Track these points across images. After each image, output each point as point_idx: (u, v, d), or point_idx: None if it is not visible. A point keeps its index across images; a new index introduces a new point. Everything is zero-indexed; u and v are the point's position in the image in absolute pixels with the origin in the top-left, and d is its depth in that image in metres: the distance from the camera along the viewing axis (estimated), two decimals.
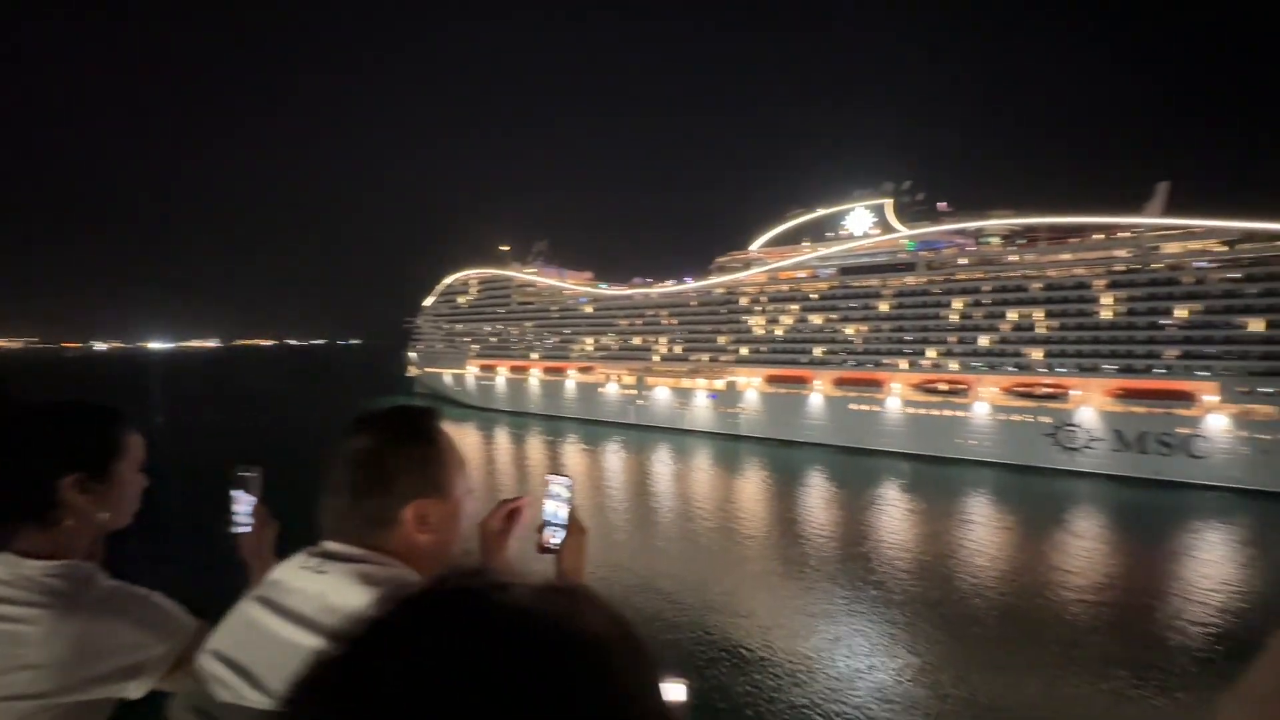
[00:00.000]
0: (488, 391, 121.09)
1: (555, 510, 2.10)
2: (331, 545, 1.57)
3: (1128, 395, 62.21)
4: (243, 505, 2.39)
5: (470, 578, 0.69)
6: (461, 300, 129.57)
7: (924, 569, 39.74)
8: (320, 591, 1.46)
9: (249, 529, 2.35)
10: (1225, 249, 58.94)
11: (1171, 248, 61.07)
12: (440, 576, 0.70)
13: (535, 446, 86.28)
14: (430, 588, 0.69)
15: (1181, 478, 59.15)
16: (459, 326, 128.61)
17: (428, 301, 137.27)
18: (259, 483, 2.44)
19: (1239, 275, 57.52)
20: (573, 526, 2.09)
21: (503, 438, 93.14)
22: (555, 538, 2.06)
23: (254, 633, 1.47)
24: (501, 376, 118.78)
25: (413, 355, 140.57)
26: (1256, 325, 56.61)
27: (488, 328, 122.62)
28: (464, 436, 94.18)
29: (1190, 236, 60.24)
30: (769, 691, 25.83)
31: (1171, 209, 62.86)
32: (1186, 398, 59.37)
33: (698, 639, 29.72)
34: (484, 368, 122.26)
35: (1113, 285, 63.27)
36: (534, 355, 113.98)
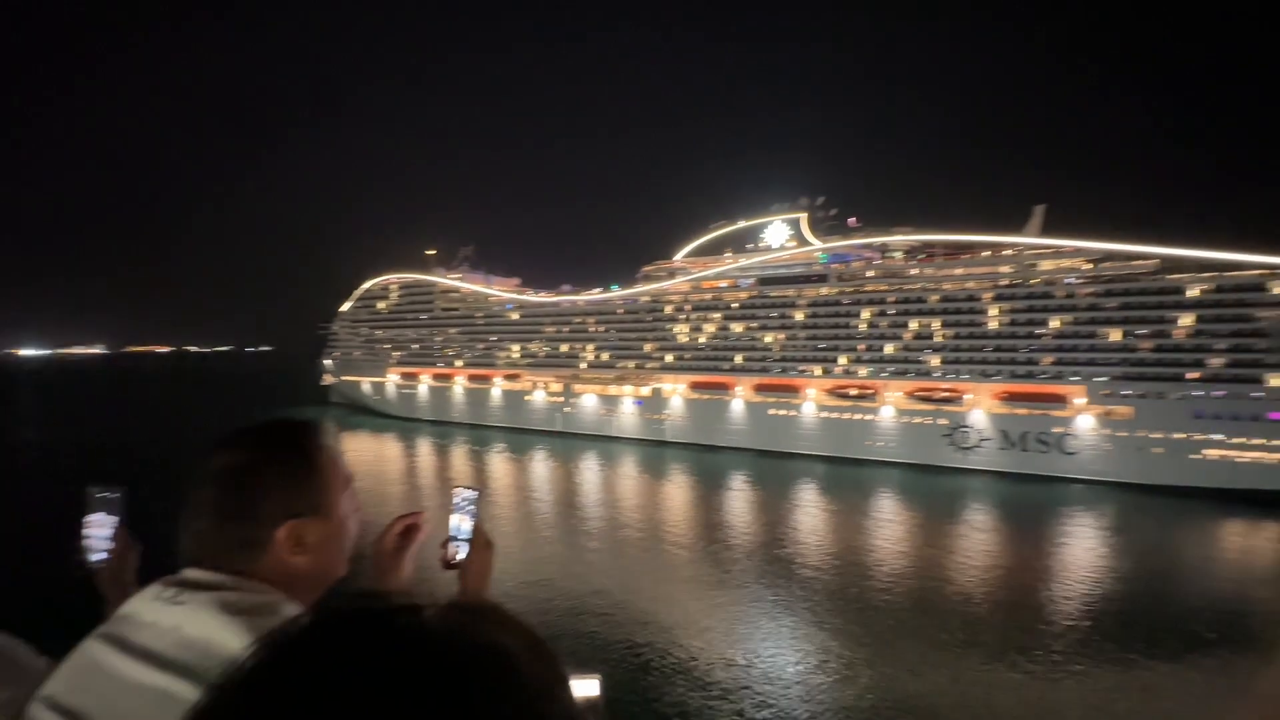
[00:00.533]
0: (409, 400, 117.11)
1: (460, 524, 2.01)
2: (192, 573, 1.45)
3: (1012, 398, 68.38)
4: (101, 530, 2.17)
5: (363, 602, 0.66)
6: (381, 305, 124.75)
7: (841, 567, 41.93)
8: (176, 624, 1.32)
9: (107, 556, 2.13)
10: (1090, 266, 66.10)
11: (1046, 265, 67.81)
12: (328, 603, 0.67)
13: (459, 456, 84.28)
14: (319, 617, 0.65)
15: (1057, 472, 65.56)
16: (379, 333, 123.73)
17: (345, 307, 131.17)
18: (121, 505, 2.22)
19: (1101, 290, 64.65)
20: (477, 541, 2.00)
21: (425, 448, 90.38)
22: (460, 553, 1.97)
23: (97, 675, 1.29)
24: (424, 385, 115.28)
25: (328, 363, 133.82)
26: (1115, 335, 63.80)
27: (410, 334, 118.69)
28: (383, 447, 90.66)
29: (1061, 255, 67.16)
30: (700, 698, 26.28)
31: (1047, 230, 69.79)
32: (1060, 400, 65.96)
33: (628, 648, 30.04)
34: (405, 376, 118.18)
35: (998, 298, 69.46)
36: (458, 363, 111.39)
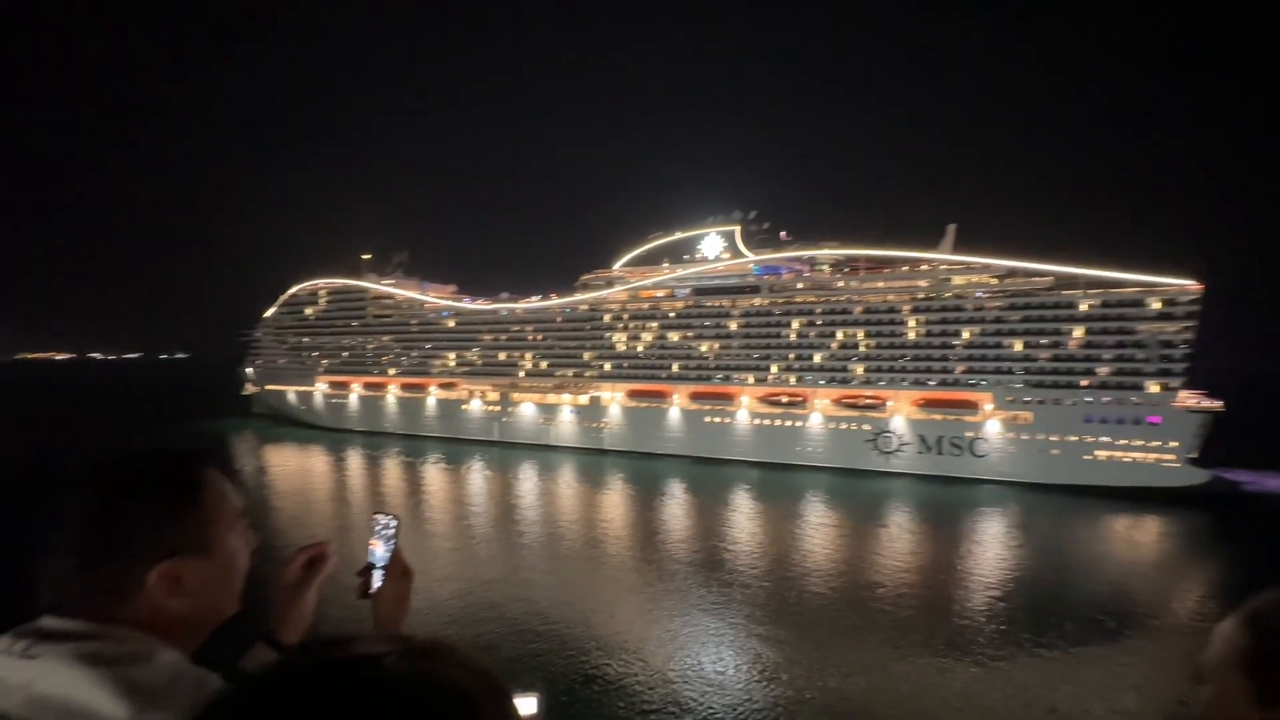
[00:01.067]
0: (339, 410, 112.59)
1: (378, 552, 1.93)
2: (49, 622, 1.29)
3: (928, 405, 72.51)
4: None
5: (322, 653, 0.65)
6: (309, 312, 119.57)
7: (775, 572, 43.24)
8: (27, 681, 1.18)
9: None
10: (996, 282, 71.12)
11: (958, 280, 72.50)
12: (286, 656, 0.66)
13: (391, 469, 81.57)
14: (276, 672, 0.64)
15: (970, 474, 69.91)
16: (306, 340, 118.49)
17: (269, 313, 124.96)
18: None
19: (1005, 304, 69.65)
20: (394, 570, 1.91)
21: (355, 461, 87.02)
22: (376, 582, 1.90)
23: None
24: (355, 394, 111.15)
25: (250, 372, 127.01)
26: (1018, 346, 68.83)
27: (340, 342, 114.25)
28: (308, 461, 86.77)
29: (971, 271, 71.98)
30: (640, 707, 26.47)
31: (959, 246, 74.62)
32: (971, 406, 70.48)
33: (568, 661, 30.01)
34: (334, 385, 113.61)
35: (916, 310, 73.67)
36: (391, 371, 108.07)
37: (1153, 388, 62.97)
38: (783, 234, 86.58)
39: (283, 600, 1.85)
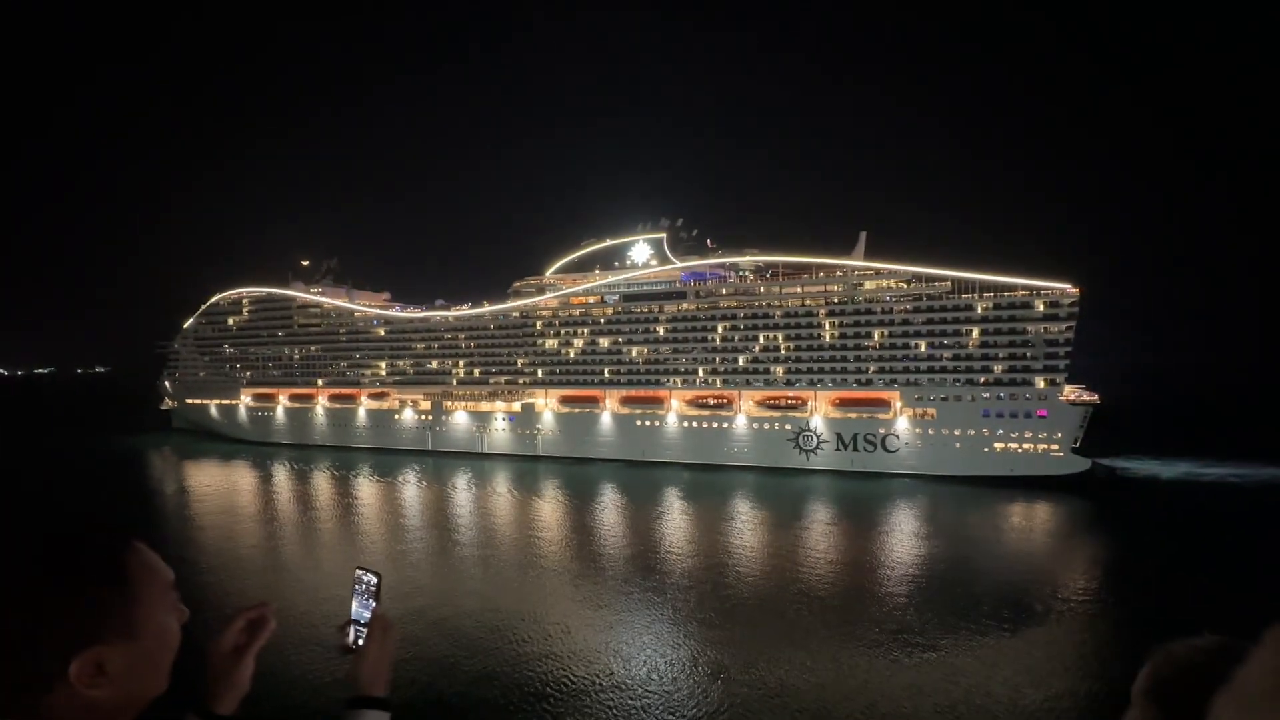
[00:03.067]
0: (264, 423, 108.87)
1: (358, 609, 1.90)
2: None
3: (844, 404, 76.07)
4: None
5: None
6: (232, 322, 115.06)
7: (707, 572, 44.23)
8: None
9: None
10: (904, 286, 75.28)
11: (869, 285, 76.38)
12: None
13: (321, 484, 79.26)
14: None
15: (882, 469, 73.72)
16: (229, 351, 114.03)
17: (188, 323, 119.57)
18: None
19: (910, 307, 73.84)
20: (375, 629, 1.89)
21: (282, 475, 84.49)
22: (358, 640, 1.88)
23: None
24: (281, 406, 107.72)
25: (168, 385, 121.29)
26: (922, 346, 73.09)
27: (265, 352, 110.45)
28: (232, 477, 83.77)
29: (880, 276, 75.95)
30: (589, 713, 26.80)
31: (870, 253, 78.59)
32: (883, 405, 74.36)
33: (515, 676, 29.92)
34: (259, 397, 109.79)
35: (831, 314, 77.19)
36: (320, 382, 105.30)
37: (1040, 383, 68.07)
38: (709, 241, 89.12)
39: (218, 668, 1.73)
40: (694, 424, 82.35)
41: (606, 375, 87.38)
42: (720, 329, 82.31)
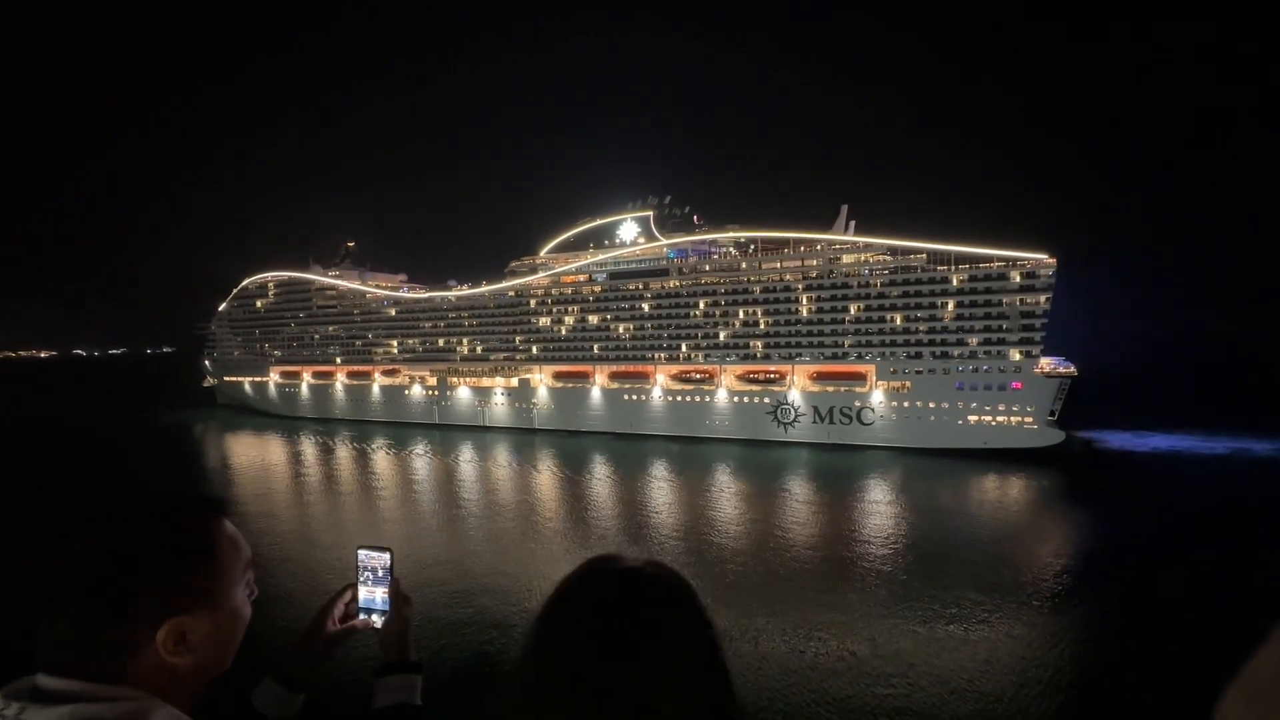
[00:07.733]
0: (291, 399, 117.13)
1: (366, 597, 1.95)
2: (45, 681, 1.22)
3: (821, 378, 76.91)
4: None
5: (610, 562, 1.28)
6: (259, 304, 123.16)
7: (695, 541, 45.47)
8: None
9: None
10: (881, 260, 74.73)
11: (847, 259, 76.11)
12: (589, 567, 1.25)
13: (342, 454, 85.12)
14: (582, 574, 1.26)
15: (859, 441, 74.62)
16: (257, 332, 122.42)
17: (222, 306, 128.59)
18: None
19: (886, 280, 73.46)
20: (396, 600, 1.95)
21: (308, 447, 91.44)
22: (376, 621, 1.94)
23: None
24: (305, 383, 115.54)
25: (207, 364, 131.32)
26: (898, 319, 72.88)
27: (289, 333, 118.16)
28: (265, 449, 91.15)
29: (857, 250, 75.57)
30: None
31: (852, 225, 78.00)
32: (859, 378, 74.87)
33: (499, 628, 31.00)
34: (286, 375, 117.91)
35: (809, 288, 77.48)
36: (338, 360, 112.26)
37: (1015, 355, 67.30)
38: (696, 217, 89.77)
39: (317, 649, 1.88)
40: (678, 398, 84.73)
41: (595, 351, 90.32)
42: (702, 305, 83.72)
